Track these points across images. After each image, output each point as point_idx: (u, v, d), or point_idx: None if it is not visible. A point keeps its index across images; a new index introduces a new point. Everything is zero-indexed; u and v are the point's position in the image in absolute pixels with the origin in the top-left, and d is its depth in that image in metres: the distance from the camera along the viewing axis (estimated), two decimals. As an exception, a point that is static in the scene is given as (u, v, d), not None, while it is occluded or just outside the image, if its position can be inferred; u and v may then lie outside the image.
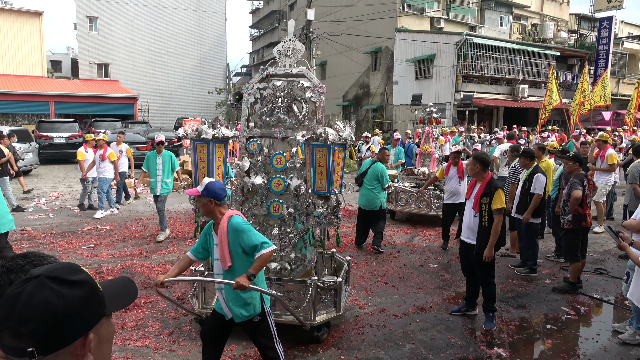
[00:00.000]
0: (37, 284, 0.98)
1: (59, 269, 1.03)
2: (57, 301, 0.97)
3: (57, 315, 0.96)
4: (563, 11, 35.61)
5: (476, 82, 25.14)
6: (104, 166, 10.10)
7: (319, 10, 28.96)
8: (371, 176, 7.45)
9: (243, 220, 3.34)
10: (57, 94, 26.34)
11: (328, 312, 4.57)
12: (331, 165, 4.26)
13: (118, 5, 35.49)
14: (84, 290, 1.02)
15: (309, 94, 4.60)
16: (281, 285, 4.54)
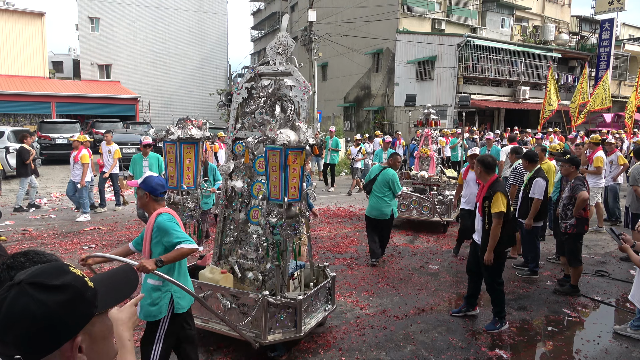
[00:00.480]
0: (18, 291, 0.97)
1: (42, 273, 1.01)
2: (37, 309, 0.95)
3: (38, 323, 0.95)
4: (564, 13, 35.63)
5: (477, 84, 25.14)
6: (79, 169, 9.56)
7: (321, 11, 28.98)
8: (381, 183, 6.86)
9: (169, 218, 3.31)
10: (58, 95, 26.39)
11: (285, 332, 4.11)
12: (286, 171, 3.82)
13: (120, 6, 35.56)
14: (67, 294, 1.00)
15: (294, 93, 4.35)
16: (236, 297, 4.18)
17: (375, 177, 6.94)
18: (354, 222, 9.92)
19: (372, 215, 6.92)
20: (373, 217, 6.92)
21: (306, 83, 4.34)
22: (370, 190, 6.96)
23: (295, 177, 3.91)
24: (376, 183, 6.90)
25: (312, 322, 4.34)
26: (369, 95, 31.47)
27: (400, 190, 6.96)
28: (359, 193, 13.69)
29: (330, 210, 11.09)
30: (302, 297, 4.14)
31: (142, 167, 7.87)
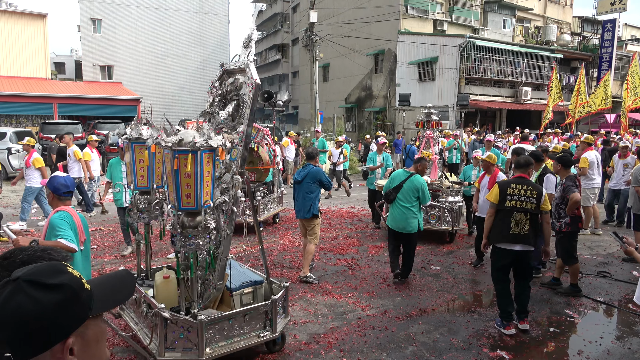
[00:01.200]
0: (14, 288, 0.96)
1: (39, 271, 1.01)
2: (32, 307, 0.94)
3: (31, 322, 0.94)
4: (566, 14, 35.58)
5: (479, 85, 25.12)
6: (30, 174, 8.99)
7: (322, 12, 28.99)
8: (409, 191, 6.03)
9: (61, 216, 3.44)
10: (60, 96, 26.43)
11: (184, 352, 3.74)
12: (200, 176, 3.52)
13: (122, 7, 35.65)
14: (62, 294, 0.99)
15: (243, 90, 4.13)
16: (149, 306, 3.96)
17: (401, 184, 6.08)
18: (355, 223, 9.91)
19: (395, 227, 6.11)
20: (397, 230, 6.11)
21: (255, 79, 4.10)
22: (393, 199, 6.11)
23: (208, 182, 3.59)
24: (402, 191, 6.06)
25: (228, 348, 3.88)
26: (371, 96, 31.46)
27: (429, 200, 6.27)
28: (356, 193, 13.66)
29: (332, 211, 11.08)
30: (203, 317, 3.73)
31: (120, 172, 7.22)
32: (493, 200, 4.94)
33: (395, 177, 6.30)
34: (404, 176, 6.17)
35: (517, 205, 4.80)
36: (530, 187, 4.87)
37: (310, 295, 5.80)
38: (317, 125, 18.90)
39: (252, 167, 9.16)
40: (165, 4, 37.49)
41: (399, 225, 6.07)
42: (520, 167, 5.11)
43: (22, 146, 9.88)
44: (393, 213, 6.13)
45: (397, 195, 6.09)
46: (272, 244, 8.20)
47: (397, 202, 6.08)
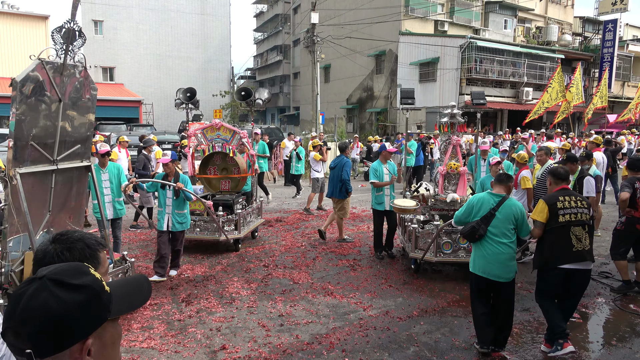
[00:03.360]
0: (39, 285, 0.99)
1: (64, 271, 1.04)
2: (55, 305, 0.97)
3: (54, 320, 0.96)
4: (567, 14, 35.57)
5: (480, 85, 25.12)
6: None
7: (323, 13, 29.02)
8: (505, 222, 4.32)
9: None
10: (62, 97, 26.48)
11: None
12: None
13: (123, 9, 35.74)
14: (85, 294, 1.01)
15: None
16: None
17: (492, 212, 4.33)
18: (357, 224, 9.93)
19: (492, 274, 4.29)
20: (491, 279, 4.30)
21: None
22: (483, 235, 4.33)
23: None
24: (496, 221, 4.31)
25: None
26: (372, 97, 31.49)
27: (529, 232, 4.53)
28: (357, 194, 13.68)
29: (333, 212, 11.09)
30: None
31: (101, 181, 6.44)
32: (540, 218, 4.35)
33: (478, 203, 4.46)
34: (494, 201, 4.39)
35: (572, 219, 4.29)
36: (579, 198, 4.46)
37: (312, 296, 5.82)
38: (317, 129, 18.91)
39: (226, 175, 8.52)
40: (166, 5, 37.58)
41: (493, 271, 4.28)
42: (562, 178, 4.59)
43: None
44: (485, 252, 4.32)
45: (487, 229, 4.32)
46: (274, 245, 8.22)
47: (490, 238, 4.31)
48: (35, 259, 1.43)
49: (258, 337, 4.71)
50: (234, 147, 8.11)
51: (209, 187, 8.57)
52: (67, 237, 1.46)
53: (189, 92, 8.81)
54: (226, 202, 7.82)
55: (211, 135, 8.15)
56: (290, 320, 5.10)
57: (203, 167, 8.55)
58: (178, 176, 6.52)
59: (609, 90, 27.53)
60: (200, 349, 4.45)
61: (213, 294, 5.85)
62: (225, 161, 8.51)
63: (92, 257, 1.47)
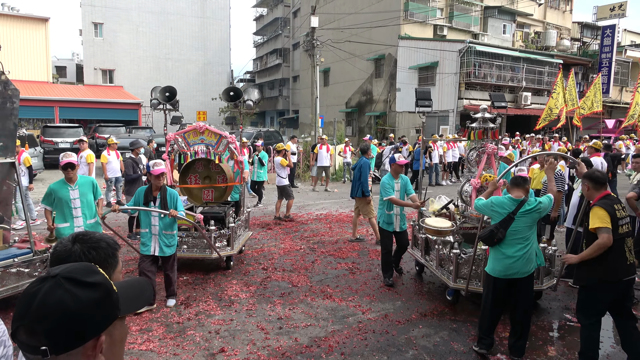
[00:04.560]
0: (54, 283, 1.00)
1: (76, 270, 1.06)
2: (71, 302, 0.99)
3: (71, 317, 0.98)
4: (566, 19, 35.73)
5: (479, 90, 25.21)
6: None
7: (323, 17, 29.12)
8: (526, 222, 4.34)
9: None
10: (61, 100, 26.54)
11: None
12: None
13: (123, 12, 35.81)
14: (99, 292, 1.04)
15: None
16: None
17: (511, 216, 4.30)
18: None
19: (512, 274, 4.29)
20: (515, 277, 4.30)
21: None
22: (502, 239, 4.31)
23: None
24: (515, 224, 4.29)
25: None
26: (371, 101, 31.56)
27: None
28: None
29: (332, 215, 11.11)
30: None
31: (70, 200, 5.35)
32: (607, 224, 3.94)
33: (496, 206, 4.41)
34: (513, 204, 4.35)
35: (627, 230, 4.05)
36: (623, 205, 4.19)
37: (311, 299, 5.82)
38: (317, 131, 18.94)
39: (210, 184, 7.61)
40: (166, 8, 37.68)
41: (513, 270, 4.27)
42: (602, 183, 4.20)
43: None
44: (504, 256, 4.29)
45: (506, 233, 4.31)
46: (273, 248, 8.22)
47: (512, 239, 4.30)
48: (59, 259, 1.43)
49: (257, 340, 4.71)
50: (221, 152, 7.25)
51: (189, 198, 7.61)
52: (89, 237, 1.49)
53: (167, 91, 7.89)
54: (217, 214, 6.98)
55: (193, 139, 7.23)
56: (289, 323, 5.10)
57: (183, 175, 7.59)
58: (165, 190, 5.50)
59: (608, 95, 27.66)
60: (199, 351, 4.45)
61: (212, 297, 5.85)
62: (208, 168, 7.62)
63: (113, 255, 1.51)
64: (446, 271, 5.78)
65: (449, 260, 5.65)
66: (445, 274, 5.77)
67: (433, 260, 6.12)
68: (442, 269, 5.87)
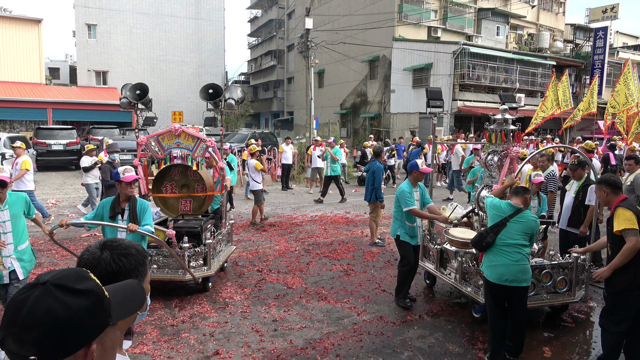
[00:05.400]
0: (43, 291, 0.97)
1: (66, 276, 1.02)
2: (61, 311, 0.96)
3: (60, 326, 0.95)
4: (559, 21, 35.98)
5: (473, 91, 25.32)
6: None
7: (317, 19, 29.16)
8: (518, 231, 4.27)
9: None
10: (55, 101, 26.36)
11: None
12: None
13: (117, 13, 35.69)
14: (89, 300, 1.01)
15: None
16: None
17: (503, 222, 4.29)
18: (351, 229, 9.93)
19: (509, 281, 4.20)
20: (509, 285, 4.22)
21: None
22: (491, 243, 4.30)
23: None
24: (507, 231, 4.25)
25: None
26: (366, 102, 31.61)
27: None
28: (351, 199, 13.70)
29: (327, 217, 11.11)
30: None
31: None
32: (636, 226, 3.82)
33: (495, 207, 4.42)
34: (509, 211, 4.33)
35: None
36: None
37: (306, 301, 5.81)
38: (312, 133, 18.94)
39: (188, 193, 6.78)
40: (161, 10, 37.61)
41: (512, 275, 4.18)
42: (620, 187, 4.19)
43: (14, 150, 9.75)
44: (500, 260, 4.24)
45: (496, 238, 4.28)
46: (268, 250, 8.21)
47: (500, 247, 4.26)
48: (87, 266, 1.38)
49: (252, 342, 4.69)
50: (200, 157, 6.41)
51: (165, 209, 6.82)
52: (118, 244, 1.47)
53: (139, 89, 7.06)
54: (192, 229, 6.13)
55: (169, 143, 6.32)
56: (284, 325, 5.09)
57: (157, 183, 6.76)
58: (135, 201, 4.76)
59: (600, 96, 27.86)
60: (193, 354, 4.42)
61: (206, 299, 5.82)
62: (186, 176, 6.79)
63: (143, 263, 1.49)
64: (474, 286, 5.33)
65: (477, 274, 5.22)
66: (473, 289, 5.30)
67: (452, 274, 5.72)
68: (468, 284, 5.42)
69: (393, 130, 28.02)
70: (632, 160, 7.52)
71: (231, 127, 36.38)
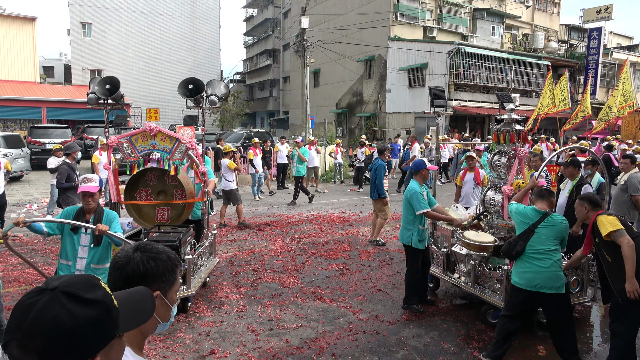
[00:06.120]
0: (51, 298, 0.94)
1: (76, 283, 0.99)
2: (67, 320, 0.93)
3: (65, 336, 0.92)
4: (553, 22, 36.15)
5: (468, 91, 25.40)
6: None
7: (313, 18, 29.15)
8: (548, 236, 4.19)
9: None
10: (49, 100, 26.23)
11: None
12: None
13: (112, 11, 35.53)
14: (98, 310, 0.97)
15: None
16: None
17: (532, 229, 4.21)
18: (347, 228, 9.95)
19: (538, 286, 4.12)
20: (538, 290, 4.12)
21: None
22: (521, 252, 4.22)
23: None
24: (536, 237, 4.18)
25: None
26: (361, 102, 31.64)
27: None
28: (347, 198, 13.71)
29: (323, 216, 11.11)
30: None
31: None
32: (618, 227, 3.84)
33: (520, 215, 4.36)
34: (535, 217, 4.25)
35: None
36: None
37: (302, 300, 5.81)
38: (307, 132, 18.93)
39: (165, 200, 6.01)
40: (156, 8, 37.47)
41: (542, 281, 4.10)
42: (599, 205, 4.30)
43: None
44: (526, 269, 4.18)
45: (525, 245, 4.21)
46: (264, 249, 8.20)
47: (531, 254, 4.18)
48: (117, 264, 1.42)
49: (247, 341, 4.69)
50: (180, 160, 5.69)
51: (139, 219, 6.02)
52: (151, 247, 1.48)
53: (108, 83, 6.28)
54: (170, 243, 5.22)
55: (143, 145, 5.60)
56: (280, 325, 5.09)
57: (130, 189, 5.99)
58: (102, 213, 4.29)
59: (594, 97, 28.03)
60: (189, 354, 4.42)
61: (202, 298, 5.81)
62: (162, 181, 6.04)
63: (172, 271, 1.48)
64: (490, 290, 5.18)
65: (492, 278, 5.11)
66: (489, 294, 5.15)
67: (462, 277, 5.61)
68: (482, 288, 5.28)
69: (389, 129, 28.07)
70: (628, 160, 7.54)
71: (226, 127, 36.32)
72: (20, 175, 15.67)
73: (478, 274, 5.33)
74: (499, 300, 4.98)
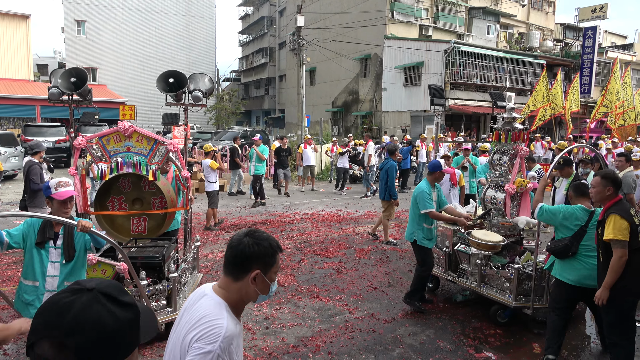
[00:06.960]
0: (91, 297, 0.94)
1: (112, 286, 1.00)
2: (110, 320, 0.93)
3: (107, 335, 0.92)
4: (549, 20, 36.28)
5: (464, 90, 25.46)
6: None
7: (309, 17, 29.11)
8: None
9: None
10: (43, 98, 26.01)
11: None
12: None
13: (107, 9, 35.34)
14: (133, 313, 0.99)
15: None
16: None
17: (583, 229, 4.18)
18: (343, 227, 9.95)
19: (588, 284, 4.14)
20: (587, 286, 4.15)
21: None
22: (576, 251, 4.19)
23: None
24: (588, 236, 4.16)
25: None
26: (357, 100, 31.65)
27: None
28: (343, 197, 13.72)
29: (319, 215, 11.11)
30: None
31: None
32: (625, 237, 3.66)
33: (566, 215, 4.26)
34: (586, 216, 4.19)
35: None
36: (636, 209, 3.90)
37: (298, 299, 5.81)
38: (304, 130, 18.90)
39: (142, 210, 5.15)
40: (151, 6, 37.30)
41: (588, 280, 4.13)
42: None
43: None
44: (578, 267, 4.19)
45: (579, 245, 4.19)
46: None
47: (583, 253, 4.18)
48: (230, 245, 1.71)
49: (243, 340, 4.68)
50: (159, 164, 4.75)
51: (112, 231, 5.10)
52: (258, 234, 1.72)
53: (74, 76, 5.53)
54: (152, 260, 4.62)
55: (116, 146, 4.69)
56: (276, 323, 5.09)
57: (101, 197, 5.09)
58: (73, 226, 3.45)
59: (589, 95, 28.15)
60: (184, 352, 4.40)
61: (198, 297, 5.78)
62: (139, 188, 5.18)
63: (272, 255, 1.72)
64: (497, 289, 5.18)
65: (500, 277, 5.12)
66: (497, 293, 5.16)
67: (468, 277, 5.59)
68: (490, 287, 5.26)
69: (384, 128, 28.09)
70: (623, 158, 7.55)
71: (222, 125, 36.24)
72: (14, 174, 15.57)
73: (484, 272, 5.32)
74: (508, 299, 4.98)
